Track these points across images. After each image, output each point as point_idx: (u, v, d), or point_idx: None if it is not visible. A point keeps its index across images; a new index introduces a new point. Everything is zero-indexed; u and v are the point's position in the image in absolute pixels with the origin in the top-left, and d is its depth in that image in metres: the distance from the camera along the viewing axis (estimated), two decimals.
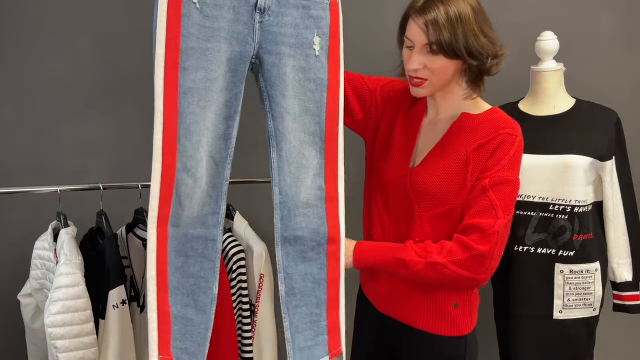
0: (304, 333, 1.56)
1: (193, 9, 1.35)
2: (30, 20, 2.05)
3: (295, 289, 1.56)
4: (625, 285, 1.94)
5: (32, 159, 2.09)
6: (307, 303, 1.56)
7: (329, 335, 1.57)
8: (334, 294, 1.58)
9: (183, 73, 1.35)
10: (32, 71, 2.07)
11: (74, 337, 1.60)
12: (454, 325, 1.61)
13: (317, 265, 1.56)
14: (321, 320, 1.57)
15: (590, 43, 2.21)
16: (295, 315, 1.55)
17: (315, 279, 1.56)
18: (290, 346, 1.54)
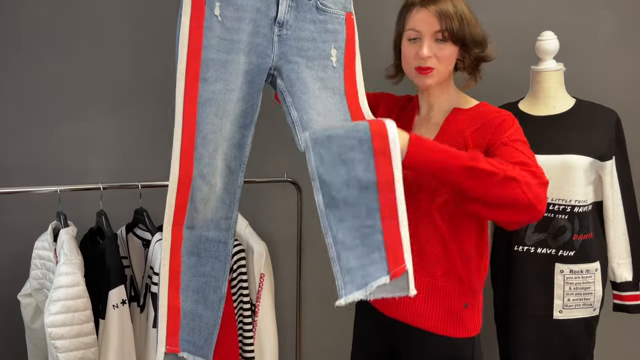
0: (354, 250, 1.32)
1: (215, 21, 1.39)
2: (30, 21, 2.05)
3: (337, 199, 1.33)
4: (625, 285, 1.94)
5: (32, 159, 2.09)
6: (354, 214, 1.33)
7: (387, 250, 1.32)
8: (388, 198, 1.33)
9: (203, 84, 1.40)
10: (32, 71, 2.06)
11: (74, 337, 1.60)
12: (463, 326, 1.60)
13: (362, 167, 1.33)
14: (375, 232, 1.32)
15: (590, 43, 2.21)
16: (340, 231, 1.33)
17: (360, 182, 1.32)
18: (336, 268, 1.31)
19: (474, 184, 1.39)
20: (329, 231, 1.33)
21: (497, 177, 1.38)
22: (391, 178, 1.33)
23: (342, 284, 1.30)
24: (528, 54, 1.97)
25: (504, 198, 1.39)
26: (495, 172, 1.38)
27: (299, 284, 2.28)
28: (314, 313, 2.26)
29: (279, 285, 2.19)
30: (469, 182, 1.39)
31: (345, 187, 1.32)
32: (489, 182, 1.38)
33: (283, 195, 2.21)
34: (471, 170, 1.38)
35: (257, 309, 1.89)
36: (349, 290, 1.30)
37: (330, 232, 1.33)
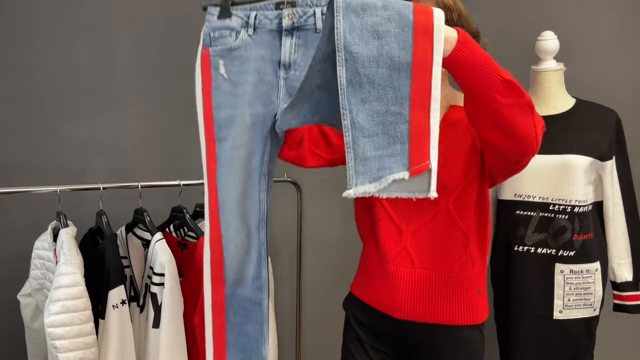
0: (373, 138, 1.18)
1: (222, 80, 1.39)
2: (30, 20, 2.05)
3: (362, 76, 1.17)
4: (625, 285, 1.94)
5: (32, 159, 2.09)
6: (379, 97, 1.18)
7: (411, 143, 1.17)
8: (423, 84, 1.17)
9: (218, 144, 1.40)
10: (32, 71, 2.07)
11: (74, 337, 1.60)
12: (476, 312, 1.58)
13: (398, 43, 1.17)
14: (400, 122, 1.18)
15: (590, 43, 2.21)
16: (360, 113, 1.18)
17: (392, 61, 1.17)
18: (350, 155, 1.18)
19: (504, 101, 1.29)
20: (348, 113, 1.17)
21: (524, 100, 1.31)
22: (430, 61, 1.17)
23: (353, 174, 1.17)
24: (528, 54, 1.97)
25: (520, 123, 1.32)
26: (523, 92, 1.31)
27: (299, 284, 2.28)
28: (314, 313, 2.26)
29: (279, 285, 2.19)
30: (499, 97, 1.28)
31: (375, 64, 1.16)
32: (517, 102, 1.30)
33: (283, 195, 2.21)
34: (509, 84, 1.28)
35: None
36: (361, 181, 1.17)
37: (348, 114, 1.17)
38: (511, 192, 1.92)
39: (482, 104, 1.31)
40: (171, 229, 1.95)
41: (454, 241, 1.56)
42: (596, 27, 2.21)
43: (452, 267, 1.56)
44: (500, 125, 1.34)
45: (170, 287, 1.74)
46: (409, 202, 1.53)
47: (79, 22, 2.08)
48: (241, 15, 1.39)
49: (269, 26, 1.38)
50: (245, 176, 1.42)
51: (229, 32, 1.40)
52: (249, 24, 1.38)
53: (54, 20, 2.06)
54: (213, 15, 1.41)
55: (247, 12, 1.39)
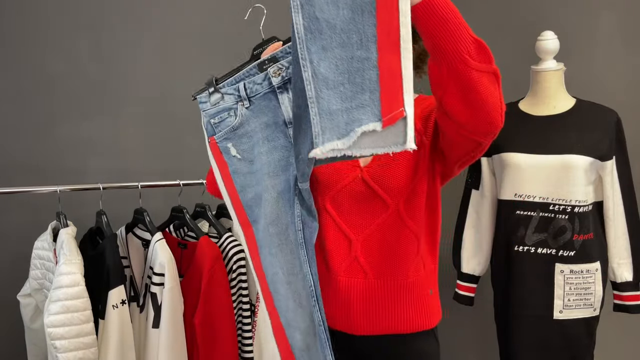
0: (338, 89, 1.04)
1: (237, 162, 1.35)
2: (30, 20, 2.05)
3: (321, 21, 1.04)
4: (625, 285, 1.94)
5: (32, 159, 2.09)
6: (342, 42, 1.04)
7: (382, 90, 1.04)
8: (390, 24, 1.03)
9: (255, 226, 1.35)
10: (32, 71, 2.07)
11: (74, 337, 1.60)
12: (431, 315, 1.50)
13: None
14: (368, 68, 1.04)
15: (590, 43, 2.21)
16: (322, 62, 1.04)
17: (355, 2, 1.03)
18: (314, 110, 1.04)
19: (473, 65, 1.17)
20: (308, 63, 1.03)
21: (492, 67, 1.21)
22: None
23: (319, 130, 1.04)
24: (528, 54, 1.97)
25: (489, 92, 1.21)
26: (493, 61, 1.20)
27: None
28: None
29: None
30: (469, 59, 1.17)
31: (334, 6, 1.03)
32: (486, 69, 1.19)
33: None
34: (480, 45, 1.17)
35: (257, 309, 1.89)
36: (328, 137, 1.04)
37: (309, 65, 1.04)
38: (511, 192, 1.92)
39: (450, 65, 1.17)
40: (171, 229, 1.95)
41: (406, 245, 1.46)
42: (596, 27, 2.21)
43: (406, 273, 1.46)
44: (467, 93, 1.20)
45: (170, 287, 1.73)
46: (357, 208, 1.46)
47: (79, 22, 2.08)
48: (231, 91, 1.35)
49: (261, 90, 1.33)
50: (286, 253, 1.33)
51: (227, 112, 1.36)
52: (241, 97, 1.34)
53: (54, 20, 2.06)
54: (205, 102, 1.37)
55: (234, 85, 1.34)
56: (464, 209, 2.09)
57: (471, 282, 2.10)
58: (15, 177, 2.03)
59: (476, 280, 2.11)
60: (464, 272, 2.10)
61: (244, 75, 1.34)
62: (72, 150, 2.11)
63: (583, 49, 2.18)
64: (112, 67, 2.11)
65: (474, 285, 2.11)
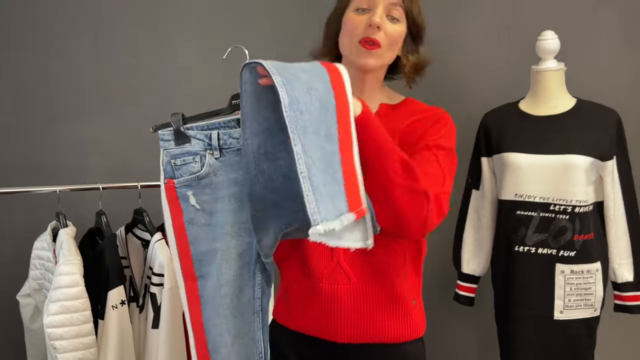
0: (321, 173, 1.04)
1: (194, 211, 1.27)
2: (31, 20, 2.05)
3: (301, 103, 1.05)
4: (626, 285, 1.93)
5: (32, 159, 2.09)
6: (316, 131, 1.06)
7: (345, 185, 1.06)
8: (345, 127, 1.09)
9: (202, 282, 1.28)
10: (32, 71, 2.07)
11: (73, 337, 1.60)
12: (416, 325, 1.44)
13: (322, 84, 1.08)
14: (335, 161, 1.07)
15: (591, 43, 2.21)
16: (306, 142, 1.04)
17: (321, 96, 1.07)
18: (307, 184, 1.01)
19: (398, 181, 1.20)
20: (297, 137, 1.02)
21: (418, 186, 1.22)
22: (347, 105, 1.10)
23: (316, 207, 1.01)
24: (529, 54, 1.97)
25: (409, 208, 1.23)
26: (419, 178, 1.23)
27: None
28: None
29: None
30: (395, 176, 1.20)
31: (308, 95, 1.06)
32: (410, 185, 1.21)
33: None
34: (406, 165, 1.21)
35: None
36: (326, 216, 1.01)
37: (299, 139, 1.02)
38: (512, 192, 1.91)
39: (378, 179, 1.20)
40: None
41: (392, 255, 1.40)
42: (596, 26, 2.21)
43: (392, 281, 1.40)
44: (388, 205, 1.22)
45: (170, 288, 1.73)
46: None
47: (79, 22, 2.08)
48: (201, 137, 1.26)
49: (236, 145, 1.25)
50: (237, 315, 1.28)
51: (192, 157, 1.27)
52: (212, 145, 1.25)
53: (54, 20, 2.06)
54: (169, 141, 1.28)
55: (206, 131, 1.26)
56: (464, 209, 2.09)
57: (471, 283, 2.10)
58: (15, 177, 2.03)
59: (476, 281, 2.11)
60: (464, 273, 2.10)
61: (219, 125, 1.26)
62: (72, 150, 2.11)
63: (583, 49, 2.18)
64: (112, 67, 2.11)
65: (474, 285, 2.11)
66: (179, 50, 2.14)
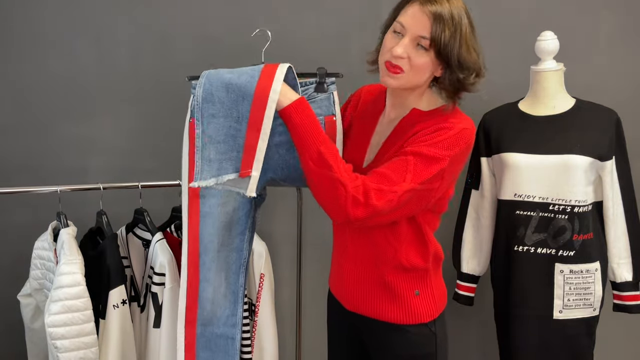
0: (217, 145, 1.52)
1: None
2: (30, 20, 2.05)
3: (215, 97, 1.52)
4: (625, 285, 1.94)
5: (32, 159, 2.09)
6: (226, 115, 1.51)
7: (244, 154, 1.51)
8: (259, 114, 1.48)
9: (203, 200, 1.62)
10: (32, 71, 2.07)
11: (74, 337, 1.60)
12: (416, 314, 1.59)
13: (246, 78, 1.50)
14: (239, 137, 1.51)
15: (590, 43, 2.21)
16: (210, 125, 1.52)
17: (241, 92, 1.50)
18: (198, 155, 1.53)
19: (313, 168, 1.44)
20: (200, 124, 1.53)
21: (331, 174, 1.41)
22: (266, 95, 1.47)
23: (199, 170, 1.53)
24: (528, 54, 1.97)
25: (325, 194, 1.44)
26: (334, 169, 1.42)
27: (299, 284, 2.28)
28: (314, 313, 2.26)
29: (279, 285, 2.19)
30: (312, 164, 1.44)
31: (225, 90, 1.51)
32: (323, 173, 1.42)
33: (283, 195, 2.21)
34: (320, 155, 1.43)
35: (257, 309, 1.89)
36: (205, 176, 1.52)
37: (201, 125, 1.53)
38: (511, 192, 1.92)
39: (301, 163, 1.48)
40: (172, 229, 1.95)
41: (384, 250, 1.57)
42: (596, 27, 2.22)
43: (383, 270, 1.58)
44: (310, 187, 1.49)
45: (171, 287, 1.74)
46: None
47: (79, 22, 2.08)
48: None
49: None
50: (230, 228, 1.65)
51: None
52: None
53: (53, 20, 2.06)
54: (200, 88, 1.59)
55: None
56: (463, 209, 2.09)
57: (471, 282, 2.11)
58: (15, 177, 2.03)
59: (476, 280, 2.11)
60: (463, 272, 2.10)
61: None
62: (72, 150, 2.11)
63: (583, 49, 2.18)
64: (112, 67, 2.11)
65: (474, 285, 2.11)
66: (179, 49, 2.14)
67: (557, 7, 2.20)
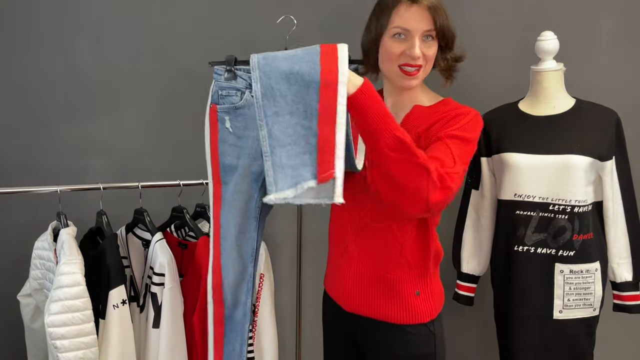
0: (287, 148, 1.31)
1: (227, 133, 1.59)
2: (30, 20, 2.05)
3: (275, 91, 1.32)
4: (625, 285, 1.94)
5: (32, 159, 2.09)
6: (291, 111, 1.32)
7: (319, 154, 1.29)
8: (329, 102, 1.30)
9: (224, 187, 1.61)
10: (32, 71, 2.07)
11: (74, 337, 1.60)
12: (416, 313, 1.62)
13: (306, 64, 1.32)
14: (310, 135, 1.31)
15: (590, 43, 2.21)
16: (275, 125, 1.32)
17: (303, 79, 1.31)
18: (269, 163, 1.31)
19: (392, 156, 1.36)
20: (265, 124, 1.31)
21: (415, 160, 1.35)
22: (335, 79, 1.30)
23: (273, 180, 1.30)
24: (528, 54, 1.97)
25: (408, 181, 1.36)
26: (416, 154, 1.36)
27: (299, 284, 2.28)
28: (313, 313, 2.26)
29: (278, 285, 2.19)
30: (388, 151, 1.36)
31: (286, 81, 1.32)
32: (406, 159, 1.35)
33: None
34: (399, 141, 1.35)
35: (257, 309, 1.89)
36: (281, 187, 1.29)
37: (265, 125, 1.31)
38: (511, 192, 1.92)
39: (374, 153, 1.39)
40: (172, 229, 1.95)
41: (390, 245, 1.60)
42: (596, 27, 2.22)
43: (387, 267, 1.61)
44: (386, 177, 1.39)
45: (171, 287, 1.74)
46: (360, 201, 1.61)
47: (79, 22, 2.08)
48: (245, 77, 1.56)
49: None
50: (243, 216, 1.62)
51: (235, 91, 1.57)
52: (252, 85, 1.44)
53: (53, 20, 2.06)
54: (220, 75, 1.57)
55: (249, 74, 1.51)
56: (463, 209, 2.10)
57: (471, 282, 2.11)
58: (15, 177, 2.03)
59: (476, 280, 2.11)
60: (463, 272, 2.10)
61: None
62: (72, 150, 2.11)
63: (583, 49, 2.18)
64: (112, 67, 2.11)
65: (474, 285, 2.11)
66: (179, 50, 2.14)
67: (557, 7, 2.20)
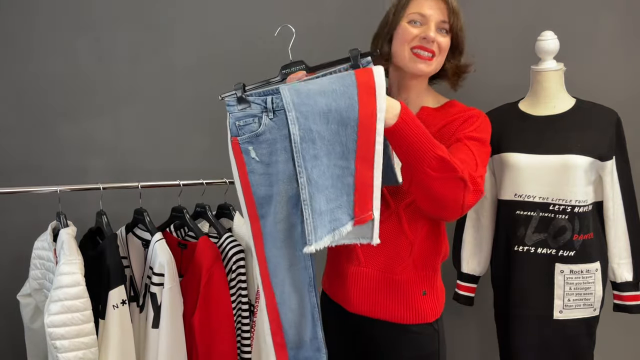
0: (325, 192, 1.27)
1: (254, 163, 1.49)
2: (30, 20, 2.05)
3: (314, 133, 1.26)
4: (625, 285, 1.94)
5: (32, 159, 2.09)
6: (328, 152, 1.28)
7: (356, 194, 1.28)
8: (367, 139, 1.27)
9: (262, 221, 1.50)
10: (32, 71, 2.07)
11: (74, 337, 1.60)
12: (422, 313, 1.64)
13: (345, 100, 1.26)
14: (347, 175, 1.28)
15: (590, 43, 2.21)
16: (314, 169, 1.27)
17: (341, 117, 1.26)
18: (308, 211, 1.27)
19: (435, 176, 1.38)
20: (304, 170, 1.27)
21: (455, 174, 1.39)
22: (373, 116, 1.26)
23: (312, 229, 1.27)
24: (528, 54, 1.97)
25: (447, 195, 1.41)
26: (455, 168, 1.39)
27: None
28: None
29: None
30: (431, 172, 1.38)
31: (324, 119, 1.27)
32: (447, 177, 1.39)
33: None
34: (440, 160, 1.37)
35: (256, 309, 1.89)
36: (320, 235, 1.28)
37: (304, 171, 1.27)
38: (511, 192, 1.92)
39: (415, 175, 1.41)
40: (172, 229, 1.95)
41: (400, 246, 1.62)
42: (596, 27, 2.21)
43: (394, 269, 1.63)
44: (427, 195, 1.44)
45: (170, 287, 1.73)
46: None
47: (79, 22, 2.08)
48: (258, 102, 1.48)
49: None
50: (290, 247, 1.51)
51: (252, 119, 1.49)
52: (267, 108, 1.46)
53: (53, 20, 2.06)
54: (233, 106, 1.50)
55: (262, 97, 1.48)
56: None
57: (471, 282, 2.11)
58: (15, 177, 2.03)
59: (476, 280, 2.11)
60: (463, 272, 2.10)
61: (272, 91, 1.47)
62: (72, 150, 2.11)
63: (583, 49, 2.18)
64: (112, 67, 2.11)
65: (474, 285, 2.11)
66: (179, 50, 2.14)
67: (557, 7, 2.20)
